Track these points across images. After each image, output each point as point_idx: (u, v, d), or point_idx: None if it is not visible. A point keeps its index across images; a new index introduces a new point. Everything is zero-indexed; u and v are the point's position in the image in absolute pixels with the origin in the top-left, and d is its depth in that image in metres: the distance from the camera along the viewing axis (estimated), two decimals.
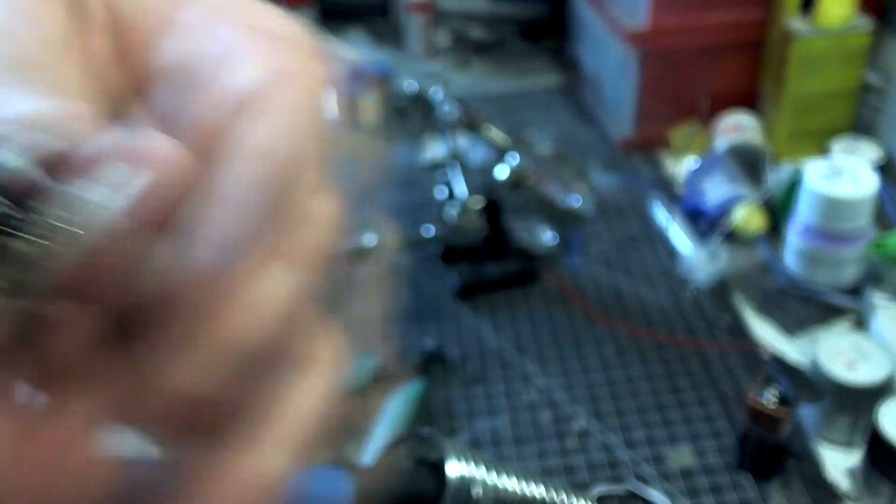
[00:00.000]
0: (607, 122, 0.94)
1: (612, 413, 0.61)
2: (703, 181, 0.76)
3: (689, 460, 0.57)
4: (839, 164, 0.63)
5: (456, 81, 1.08)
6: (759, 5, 0.83)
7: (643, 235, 0.79)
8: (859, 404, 0.56)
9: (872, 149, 0.74)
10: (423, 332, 0.69)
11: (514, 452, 0.59)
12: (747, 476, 0.56)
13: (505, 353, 0.67)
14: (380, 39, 1.18)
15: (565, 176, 0.76)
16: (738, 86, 0.88)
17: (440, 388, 0.64)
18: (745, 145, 0.81)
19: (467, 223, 0.67)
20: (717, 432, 0.59)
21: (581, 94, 1.02)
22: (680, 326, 0.68)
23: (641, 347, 0.66)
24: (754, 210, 0.72)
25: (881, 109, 0.77)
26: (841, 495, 0.55)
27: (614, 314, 0.70)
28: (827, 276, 0.65)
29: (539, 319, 0.70)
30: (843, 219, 0.63)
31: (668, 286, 0.72)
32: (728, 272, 0.72)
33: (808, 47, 0.78)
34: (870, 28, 0.78)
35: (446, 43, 1.16)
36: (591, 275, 0.74)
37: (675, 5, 0.82)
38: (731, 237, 0.73)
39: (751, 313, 0.70)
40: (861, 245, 0.64)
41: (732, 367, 0.64)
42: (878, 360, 0.56)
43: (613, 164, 0.90)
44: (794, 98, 0.81)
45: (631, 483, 0.56)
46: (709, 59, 0.86)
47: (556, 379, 0.64)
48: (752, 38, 0.85)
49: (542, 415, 0.61)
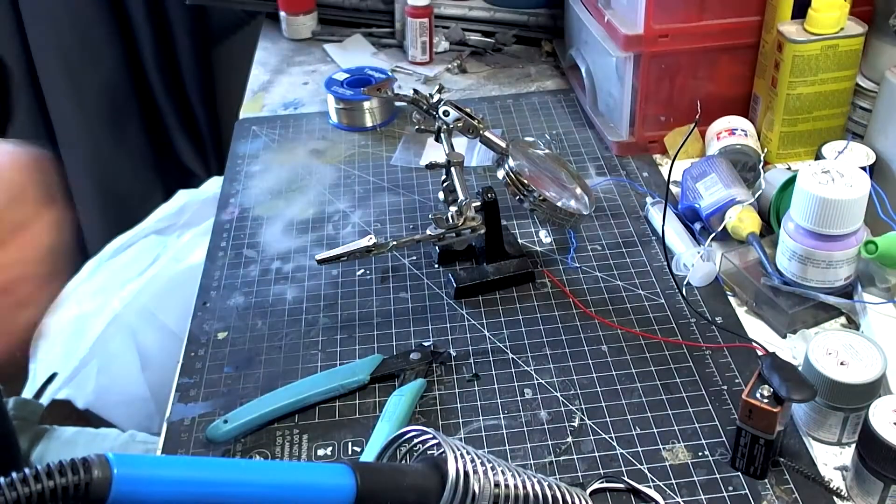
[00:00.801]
0: (604, 125, 0.95)
1: (608, 411, 0.62)
2: (697, 183, 0.77)
3: (682, 458, 0.58)
4: (831, 166, 0.64)
5: (455, 85, 1.09)
6: (753, 11, 0.85)
7: (639, 236, 0.80)
8: (851, 402, 0.57)
9: (864, 151, 0.75)
10: (422, 331, 0.70)
11: (512, 450, 0.60)
12: (740, 473, 0.57)
13: (502, 352, 0.68)
14: (380, 44, 1.19)
15: (562, 178, 0.77)
16: (732, 89, 0.89)
17: (439, 387, 0.65)
18: (739, 148, 0.82)
19: (466, 224, 0.68)
20: (711, 430, 0.60)
21: (578, 98, 1.03)
22: (674, 326, 0.69)
23: (636, 347, 0.67)
24: (748, 211, 0.73)
25: (872, 112, 0.78)
26: (833, 493, 0.56)
27: (610, 314, 0.71)
28: (819, 276, 0.66)
29: (536, 319, 0.71)
30: (835, 220, 0.63)
31: (663, 286, 0.73)
32: (722, 272, 0.73)
33: (800, 52, 0.79)
34: (861, 33, 0.79)
35: (445, 47, 1.17)
36: (588, 275, 0.75)
37: (670, 11, 0.83)
38: (724, 238, 0.75)
39: (744, 313, 0.71)
40: (853, 246, 0.65)
41: (726, 365, 0.65)
42: (870, 359, 0.57)
43: (610, 166, 0.91)
44: (787, 101, 0.82)
45: (625, 480, 0.56)
46: (704, 64, 0.87)
47: (553, 377, 0.65)
48: (746, 43, 0.86)
49: (538, 413, 0.62)
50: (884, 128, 0.75)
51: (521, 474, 0.48)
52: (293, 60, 1.17)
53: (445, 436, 0.46)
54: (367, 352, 0.68)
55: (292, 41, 1.22)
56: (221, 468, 0.40)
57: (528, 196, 0.71)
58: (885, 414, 0.52)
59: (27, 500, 0.33)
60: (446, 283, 0.74)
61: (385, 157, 0.94)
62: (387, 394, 0.64)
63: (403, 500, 0.43)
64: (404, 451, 0.48)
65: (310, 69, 1.15)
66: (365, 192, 0.88)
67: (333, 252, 0.66)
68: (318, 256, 0.66)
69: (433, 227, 0.67)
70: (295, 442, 0.61)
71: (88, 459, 0.34)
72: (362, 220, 0.84)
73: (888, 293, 0.67)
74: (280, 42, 1.22)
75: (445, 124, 0.73)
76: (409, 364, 0.66)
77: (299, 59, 1.18)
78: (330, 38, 1.21)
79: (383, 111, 1.00)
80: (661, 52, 0.85)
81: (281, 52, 1.20)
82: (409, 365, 0.66)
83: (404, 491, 0.43)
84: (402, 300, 0.74)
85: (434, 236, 0.68)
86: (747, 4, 0.84)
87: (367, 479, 0.42)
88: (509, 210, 0.83)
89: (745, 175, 0.81)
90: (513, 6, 1.16)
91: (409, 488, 0.43)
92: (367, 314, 0.72)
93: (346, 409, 0.64)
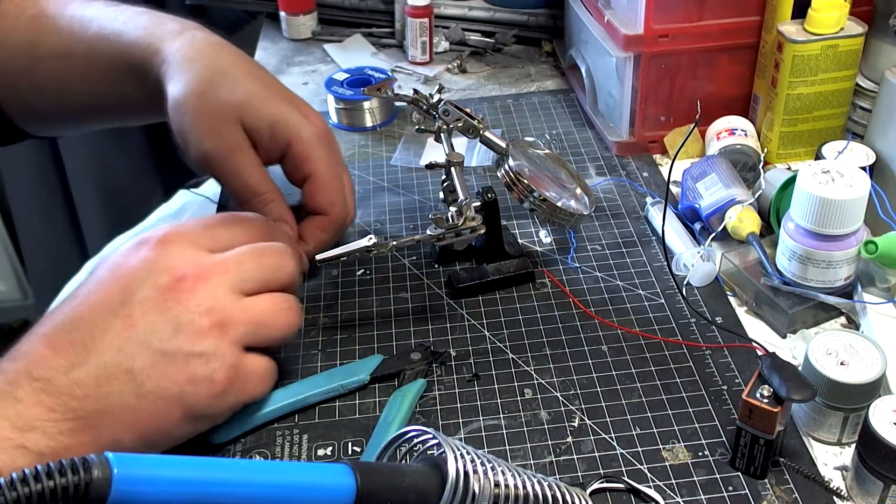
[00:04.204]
0: (604, 125, 0.95)
1: (608, 411, 0.62)
2: (697, 183, 0.77)
3: (682, 458, 0.58)
4: (831, 166, 0.64)
5: (455, 85, 1.09)
6: (753, 11, 0.85)
7: (639, 236, 0.80)
8: (851, 402, 0.57)
9: (864, 151, 0.75)
10: (422, 331, 0.70)
11: (512, 450, 0.60)
12: (740, 473, 0.57)
13: (502, 352, 0.68)
14: (380, 44, 1.19)
15: (562, 178, 0.77)
16: (732, 89, 0.89)
17: (439, 387, 0.65)
18: (739, 148, 0.83)
19: (466, 224, 0.68)
20: (711, 430, 0.60)
21: (578, 98, 1.03)
22: (674, 326, 0.69)
23: (636, 347, 0.67)
24: (748, 211, 0.73)
25: (872, 112, 0.78)
26: (833, 493, 0.56)
27: (610, 314, 0.71)
28: (819, 276, 0.66)
29: (536, 319, 0.71)
30: (835, 220, 0.63)
31: (663, 286, 0.73)
32: (722, 272, 0.73)
33: (800, 52, 0.79)
34: (861, 33, 0.79)
35: (445, 47, 1.17)
36: (588, 275, 0.75)
37: (670, 11, 0.83)
38: (724, 238, 0.75)
39: (744, 313, 0.71)
40: (853, 246, 0.65)
41: (726, 365, 0.65)
42: (870, 359, 0.57)
43: (610, 166, 0.91)
44: (787, 101, 0.82)
45: (625, 480, 0.56)
46: (704, 64, 0.87)
47: (553, 377, 0.65)
48: (746, 43, 0.86)
49: (538, 413, 0.62)
50: (884, 128, 0.75)
51: (521, 474, 0.48)
52: (293, 60, 1.17)
53: (445, 436, 0.46)
54: (367, 352, 0.68)
55: (292, 41, 1.22)
56: (221, 468, 0.40)
57: (528, 196, 0.71)
58: (885, 414, 0.52)
59: (27, 500, 0.33)
60: (446, 283, 0.74)
61: (385, 157, 0.94)
62: (387, 394, 0.64)
63: (403, 500, 0.43)
64: (404, 451, 0.48)
65: (310, 69, 1.15)
66: (365, 192, 0.88)
67: (333, 252, 0.66)
68: (318, 256, 0.66)
69: (433, 227, 0.67)
70: (295, 442, 0.61)
71: (88, 459, 0.34)
72: (362, 220, 0.84)
73: (888, 293, 0.67)
74: (280, 42, 1.22)
75: (445, 124, 0.73)
76: (409, 364, 0.66)
77: (299, 59, 1.18)
78: (330, 38, 1.21)
79: (383, 111, 1.00)
80: (661, 53, 0.85)
81: (281, 52, 1.20)
82: (409, 365, 0.66)
83: (404, 491, 0.43)
84: (402, 300, 0.74)
85: (434, 236, 0.68)
86: (747, 4, 0.85)
87: (367, 479, 0.42)
88: (509, 210, 0.83)
89: (745, 175, 0.81)
90: (513, 6, 1.16)
91: (409, 488, 0.43)
92: (367, 314, 0.72)
93: (346, 409, 0.64)
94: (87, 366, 0.51)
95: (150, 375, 0.52)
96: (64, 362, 0.50)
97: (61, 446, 0.48)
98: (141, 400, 0.51)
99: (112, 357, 0.51)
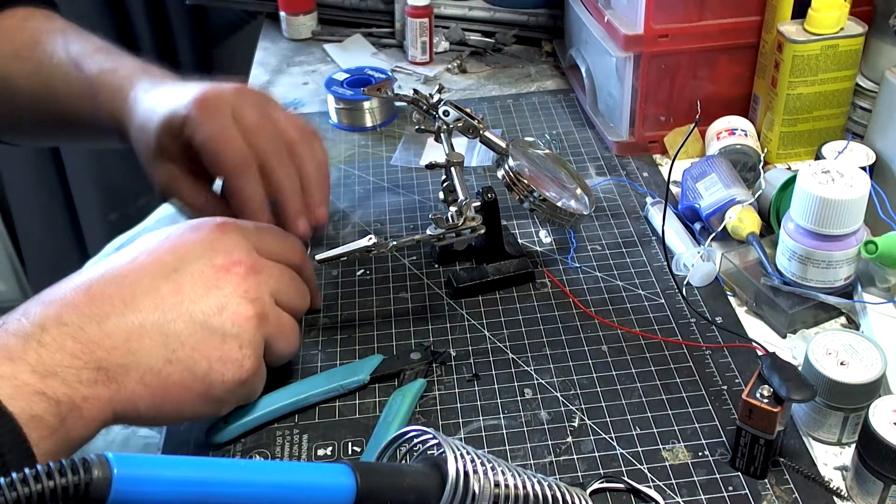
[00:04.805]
0: (604, 125, 0.95)
1: (608, 411, 0.62)
2: (697, 183, 0.77)
3: (682, 458, 0.58)
4: (831, 166, 0.64)
5: (455, 85, 1.09)
6: (753, 11, 0.85)
7: (639, 236, 0.80)
8: (851, 402, 0.57)
9: (864, 151, 0.75)
10: (422, 331, 0.70)
11: (512, 450, 0.60)
12: (740, 473, 0.57)
13: (502, 352, 0.68)
14: (380, 44, 1.19)
15: (562, 178, 0.77)
16: (732, 89, 0.89)
17: (439, 387, 0.65)
18: (739, 148, 0.83)
19: (466, 224, 0.68)
20: (711, 430, 0.60)
21: (578, 98, 1.03)
22: (674, 326, 0.69)
23: (636, 347, 0.67)
24: (748, 211, 0.73)
25: (872, 112, 0.78)
26: (833, 493, 0.56)
27: (610, 314, 0.71)
28: (819, 276, 0.66)
29: (536, 319, 0.71)
30: (835, 220, 0.63)
31: (663, 286, 0.73)
32: (722, 272, 0.73)
33: (800, 52, 0.79)
34: (861, 33, 0.79)
35: (445, 47, 1.17)
36: (588, 275, 0.75)
37: (670, 11, 0.83)
38: (724, 238, 0.75)
39: (744, 313, 0.71)
40: (853, 246, 0.65)
41: (726, 365, 0.65)
42: (870, 359, 0.57)
43: (610, 166, 0.91)
44: (787, 101, 0.82)
45: (625, 480, 0.56)
46: (704, 64, 0.87)
47: (553, 377, 0.65)
48: (746, 43, 0.86)
49: (538, 413, 0.62)
50: (884, 128, 0.75)
51: (521, 474, 0.48)
52: (293, 60, 1.17)
53: (445, 436, 0.46)
54: (367, 352, 0.68)
55: (292, 41, 1.22)
56: (221, 468, 0.40)
57: (528, 196, 0.71)
58: (885, 414, 0.52)
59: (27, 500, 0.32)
60: (446, 283, 0.74)
61: (385, 157, 0.94)
62: (387, 394, 0.64)
63: (403, 500, 0.43)
64: (404, 451, 0.48)
65: (310, 69, 1.15)
66: (365, 192, 0.88)
67: (333, 252, 0.66)
68: (318, 256, 0.66)
69: (433, 227, 0.67)
70: (295, 442, 0.61)
71: (88, 459, 0.34)
72: (362, 220, 0.84)
73: (888, 293, 0.67)
74: (280, 42, 1.22)
75: (445, 124, 0.73)
76: (409, 364, 0.66)
77: (299, 59, 1.18)
78: (330, 38, 1.21)
79: (383, 111, 1.00)
80: (661, 52, 0.85)
81: (281, 52, 1.20)
82: (409, 365, 0.66)
83: (404, 491, 0.43)
84: (402, 300, 0.74)
85: (434, 236, 0.68)
86: (747, 4, 0.85)
87: (367, 479, 0.42)
88: (509, 210, 0.83)
89: (745, 175, 0.81)
90: (513, 6, 1.16)
91: (409, 488, 0.43)
92: (367, 314, 0.72)
93: (346, 409, 0.64)
94: (123, 318, 0.50)
95: (183, 344, 0.52)
96: (99, 311, 0.50)
97: (79, 396, 0.47)
98: (168, 366, 0.51)
99: (150, 316, 0.51)
